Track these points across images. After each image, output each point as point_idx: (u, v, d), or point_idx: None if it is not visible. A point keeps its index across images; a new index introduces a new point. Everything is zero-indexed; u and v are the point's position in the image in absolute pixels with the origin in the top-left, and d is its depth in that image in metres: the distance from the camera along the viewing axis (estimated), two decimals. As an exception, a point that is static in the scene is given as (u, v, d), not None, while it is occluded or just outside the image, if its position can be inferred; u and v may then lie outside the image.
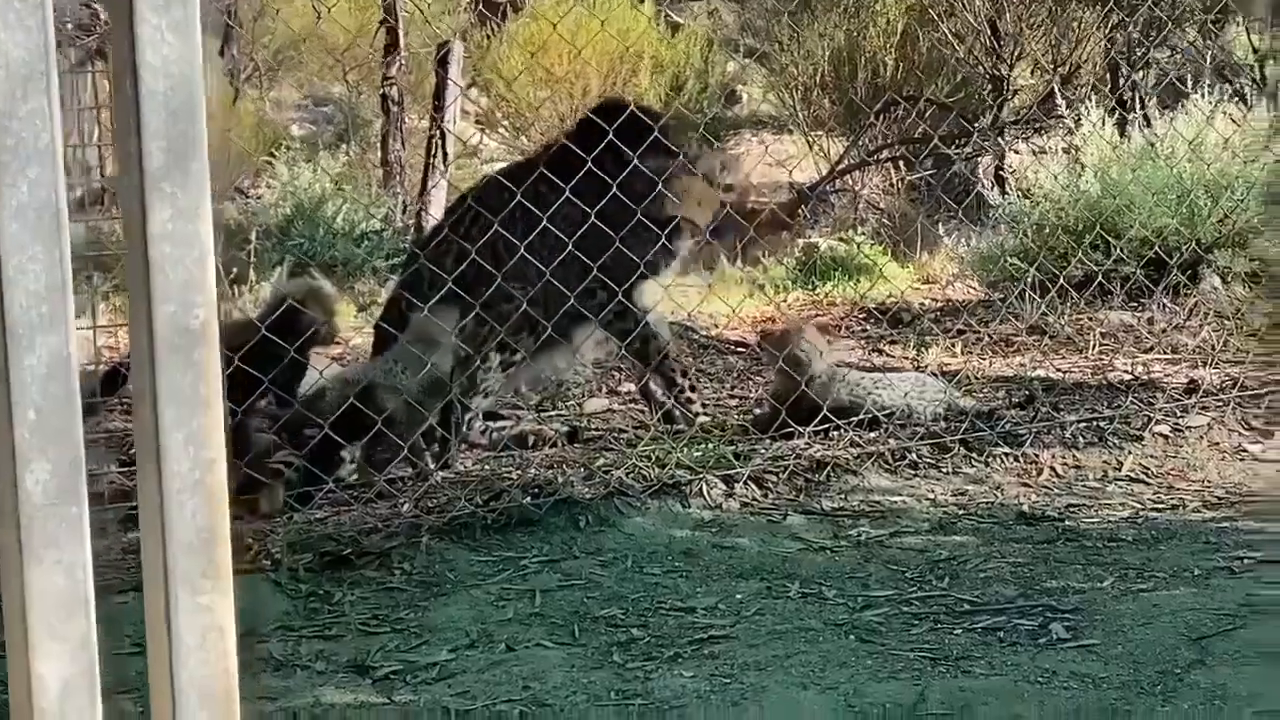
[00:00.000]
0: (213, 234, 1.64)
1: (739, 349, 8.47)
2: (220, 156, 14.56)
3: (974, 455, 6.28)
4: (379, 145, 15.11)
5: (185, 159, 1.63)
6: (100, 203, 10.10)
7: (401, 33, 14.18)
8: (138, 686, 1.77)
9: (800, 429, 6.45)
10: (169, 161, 1.61)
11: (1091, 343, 8.11)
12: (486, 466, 6.36)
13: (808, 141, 13.87)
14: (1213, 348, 7.77)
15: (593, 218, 6.37)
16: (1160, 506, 5.83)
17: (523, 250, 6.37)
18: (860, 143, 13.58)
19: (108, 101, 6.01)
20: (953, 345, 8.15)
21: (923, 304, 9.56)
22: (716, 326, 8.77)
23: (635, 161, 6.44)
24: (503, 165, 6.78)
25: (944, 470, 6.19)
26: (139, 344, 1.64)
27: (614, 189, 6.36)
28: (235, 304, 7.63)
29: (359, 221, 12.11)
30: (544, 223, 6.37)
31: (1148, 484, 6.09)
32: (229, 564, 1.72)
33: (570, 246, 6.37)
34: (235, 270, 10.46)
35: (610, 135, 6.37)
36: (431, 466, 6.24)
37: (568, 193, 6.33)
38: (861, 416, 6.53)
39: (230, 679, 1.74)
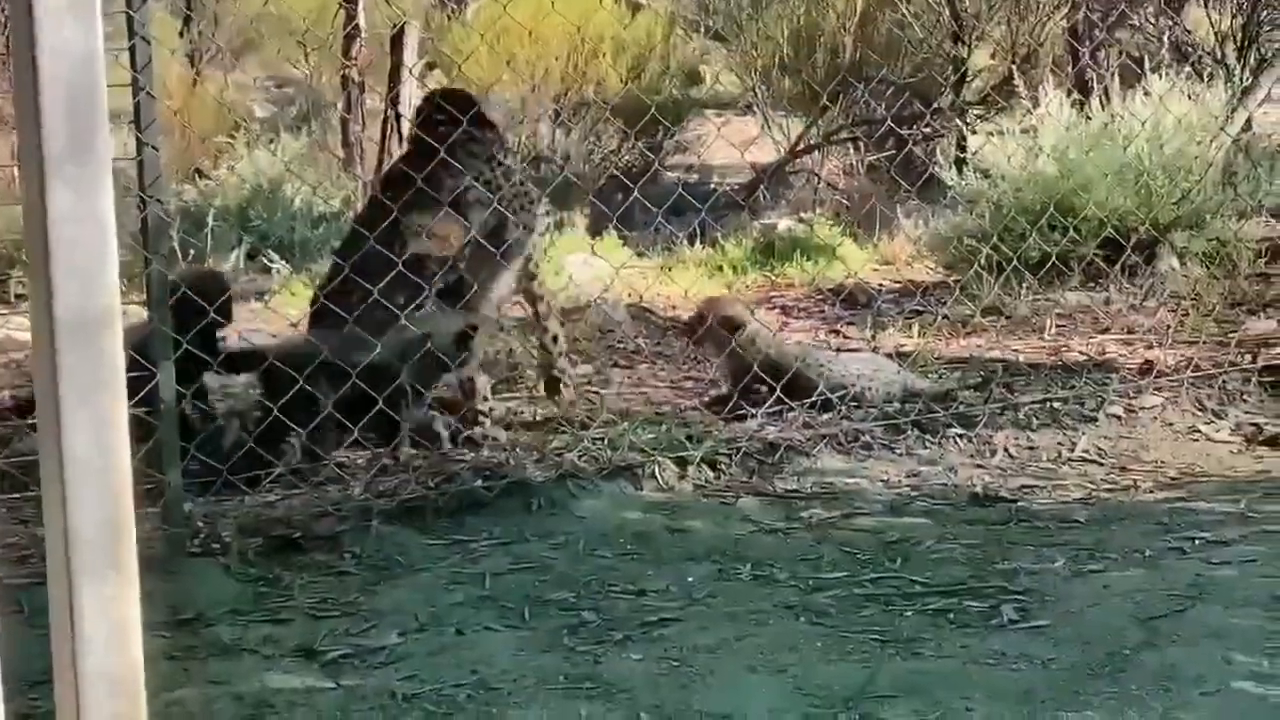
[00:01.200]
0: (114, 217, 1.62)
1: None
2: (180, 139, 14.50)
3: (928, 436, 6.28)
4: (340, 126, 15.07)
5: (87, 141, 1.60)
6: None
7: (361, 13, 14.13)
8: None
9: (752, 411, 6.45)
10: (70, 144, 1.59)
11: (1048, 324, 8.11)
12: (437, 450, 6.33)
13: (767, 122, 13.85)
14: (1168, 328, 7.78)
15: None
16: (1113, 487, 5.83)
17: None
18: (819, 124, 13.57)
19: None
20: (909, 326, 8.14)
21: (881, 285, 9.56)
22: (674, 308, 8.74)
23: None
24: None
25: (897, 452, 6.20)
26: (40, 328, 1.61)
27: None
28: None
29: (318, 203, 12.07)
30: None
31: (1101, 465, 6.10)
32: (134, 553, 1.69)
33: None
34: (192, 253, 10.42)
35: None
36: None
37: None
38: (814, 399, 6.53)
39: (136, 670, 1.71)
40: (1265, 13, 13.04)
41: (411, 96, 8.70)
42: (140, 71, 5.13)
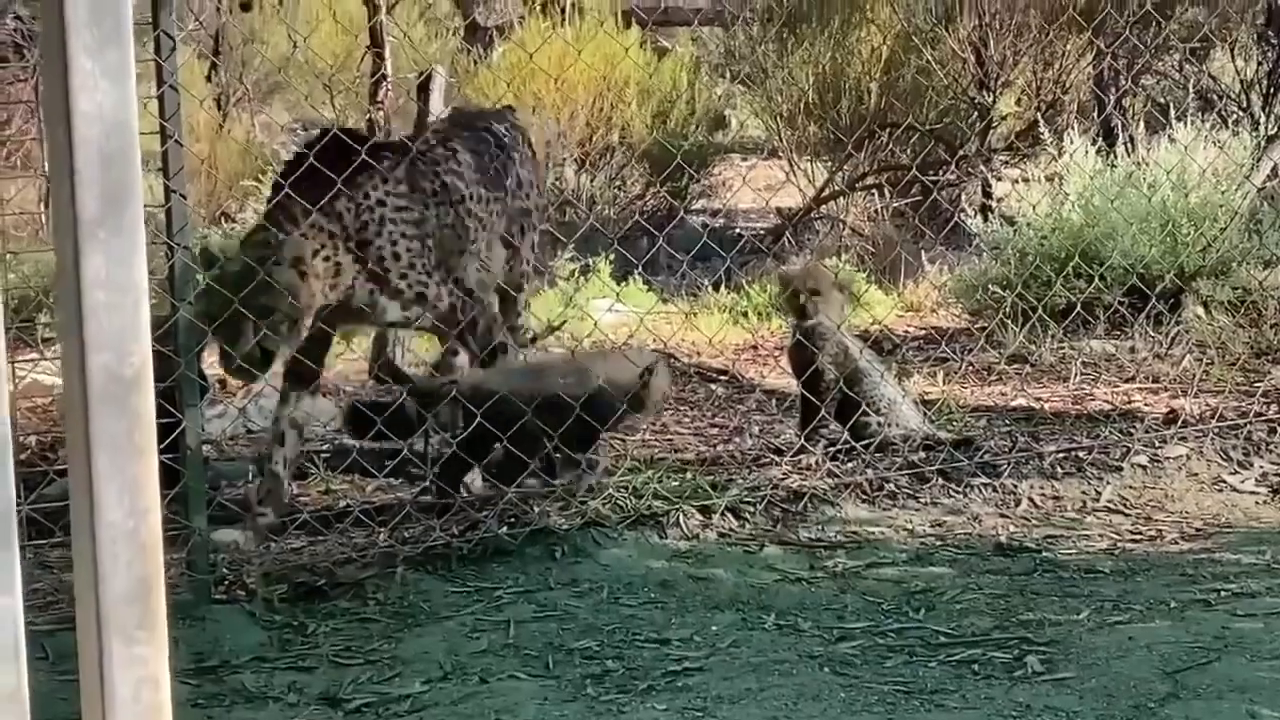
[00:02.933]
0: (146, 281, 1.63)
1: (720, 376, 8.46)
2: (206, 182, 14.57)
3: (952, 485, 6.27)
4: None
5: (120, 206, 1.61)
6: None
7: (388, 57, 14.20)
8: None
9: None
10: (103, 208, 1.60)
11: (1073, 372, 8.10)
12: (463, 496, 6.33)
13: (792, 168, 13.86)
14: (1193, 377, 7.77)
15: None
16: (1138, 538, 5.82)
17: None
18: (844, 169, 13.58)
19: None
20: (934, 374, 8.14)
21: (906, 332, 9.56)
22: (699, 354, 8.76)
23: None
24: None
25: (922, 501, 6.19)
26: (72, 390, 1.63)
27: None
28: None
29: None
30: None
31: (1126, 515, 6.09)
32: (164, 614, 1.71)
33: None
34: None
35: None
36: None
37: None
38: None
39: (165, 728, 1.72)
40: (1291, 60, 13.05)
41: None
42: (169, 119, 5.17)
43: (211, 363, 6.35)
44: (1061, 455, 6.51)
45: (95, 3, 1.62)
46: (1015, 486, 6.27)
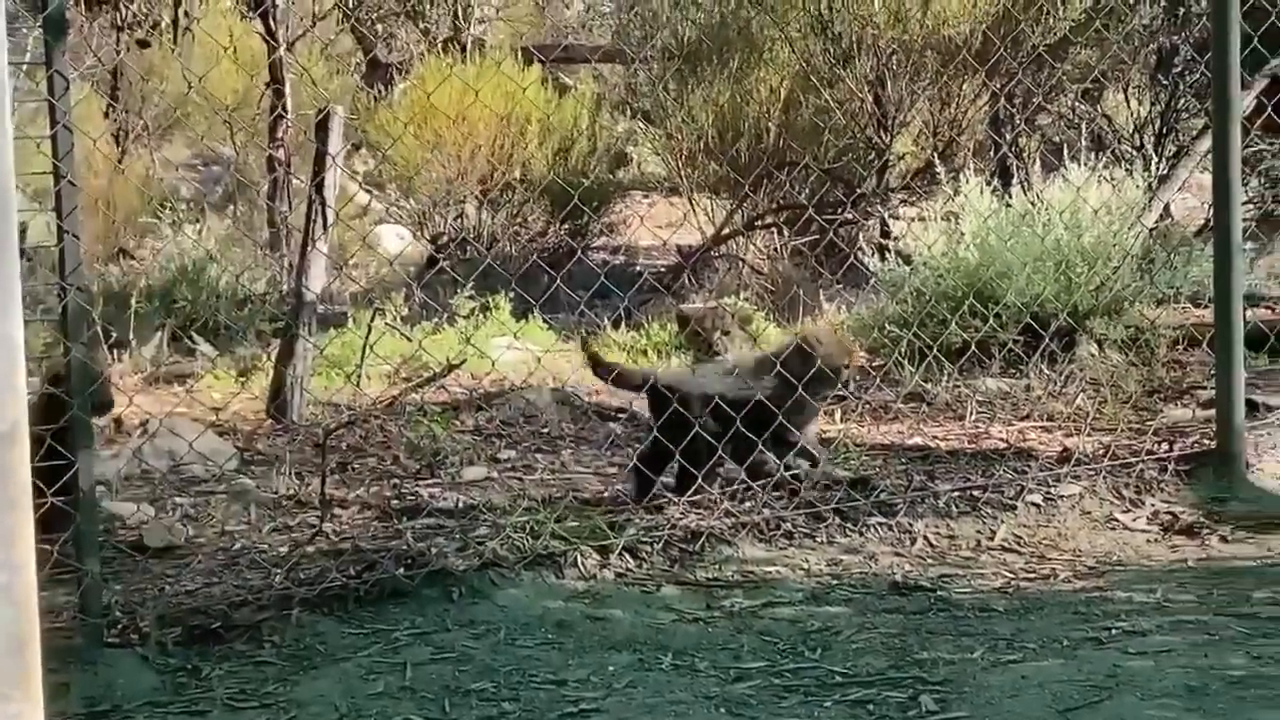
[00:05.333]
0: (22, 338, 1.62)
1: (619, 415, 8.47)
2: (104, 219, 14.46)
3: (849, 524, 6.30)
4: (266, 207, 15.06)
5: (-4, 261, 1.60)
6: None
7: (288, 94, 14.16)
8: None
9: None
10: (-21, 264, 1.59)
11: (969, 410, 8.16)
12: (359, 537, 6.30)
13: (692, 206, 13.91)
14: (1086, 415, 7.84)
15: None
16: (1031, 576, 5.86)
17: None
18: (743, 208, 13.64)
19: None
20: (831, 412, 8.18)
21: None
22: (598, 393, 8.76)
23: None
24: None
25: (818, 540, 6.21)
26: (-53, 446, 1.61)
27: None
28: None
29: (243, 285, 12.05)
30: None
31: (1020, 553, 6.14)
32: (39, 670, 1.69)
33: None
34: (115, 334, 10.38)
35: None
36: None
37: None
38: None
39: (42, 786, 1.70)
40: (1182, 101, 13.23)
41: (337, 181, 8.68)
42: (62, 159, 5.12)
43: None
44: (957, 494, 6.55)
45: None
46: (911, 525, 6.31)
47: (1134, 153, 12.60)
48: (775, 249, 13.08)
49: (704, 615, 5.49)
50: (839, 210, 12.52)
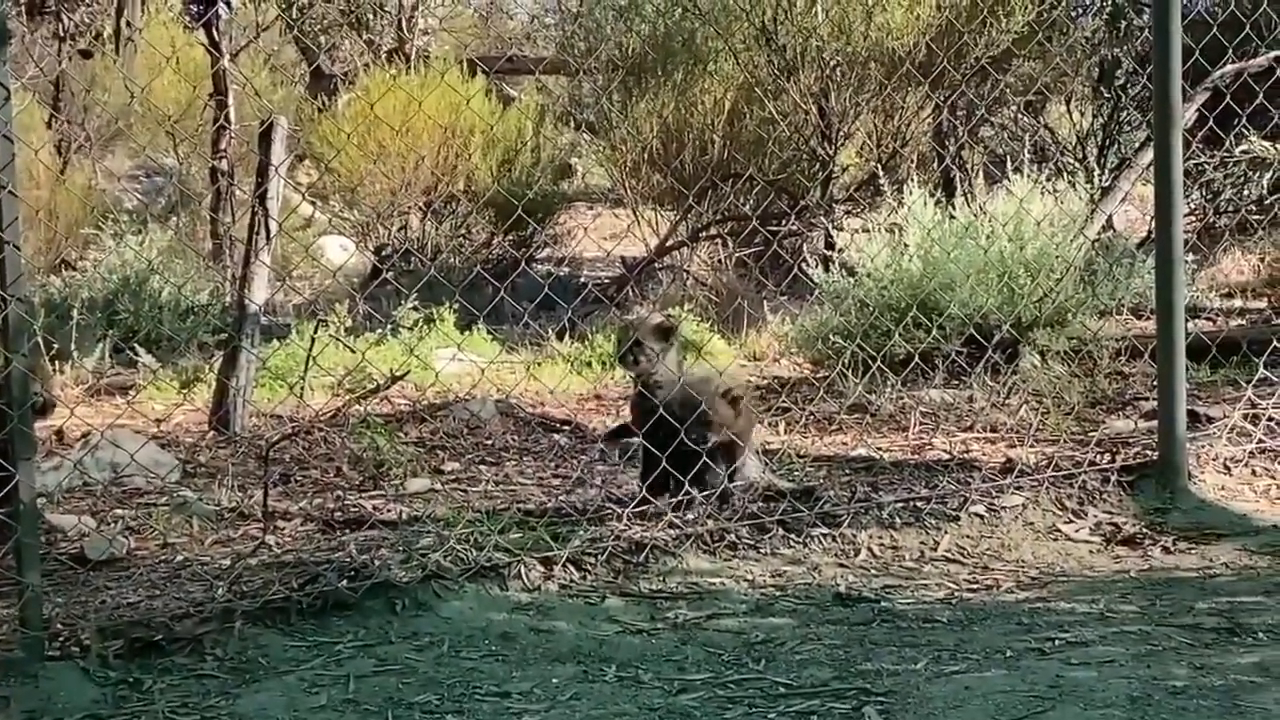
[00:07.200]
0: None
1: (563, 426, 8.47)
2: (46, 229, 14.38)
3: (792, 536, 6.30)
4: (209, 218, 15.02)
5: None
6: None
7: (231, 105, 14.13)
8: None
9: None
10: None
11: (912, 421, 8.19)
12: (302, 550, 6.28)
13: (637, 217, 13.92)
14: (1029, 426, 7.88)
15: None
16: (975, 587, 5.88)
17: None
18: (687, 219, 13.66)
19: None
20: (775, 424, 8.19)
21: (748, 381, 9.60)
22: (542, 404, 8.76)
23: None
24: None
25: (762, 551, 6.21)
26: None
27: None
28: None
29: (186, 296, 12.01)
30: None
31: (963, 564, 6.15)
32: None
33: None
34: (56, 346, 10.32)
35: None
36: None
37: None
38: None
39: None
40: (1124, 113, 13.32)
41: (280, 192, 8.66)
42: (2, 170, 5.09)
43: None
44: (900, 505, 6.56)
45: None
46: (855, 536, 6.32)
47: (1077, 164, 12.67)
48: (720, 260, 13.10)
49: (648, 627, 5.48)
50: (783, 221, 12.56)
